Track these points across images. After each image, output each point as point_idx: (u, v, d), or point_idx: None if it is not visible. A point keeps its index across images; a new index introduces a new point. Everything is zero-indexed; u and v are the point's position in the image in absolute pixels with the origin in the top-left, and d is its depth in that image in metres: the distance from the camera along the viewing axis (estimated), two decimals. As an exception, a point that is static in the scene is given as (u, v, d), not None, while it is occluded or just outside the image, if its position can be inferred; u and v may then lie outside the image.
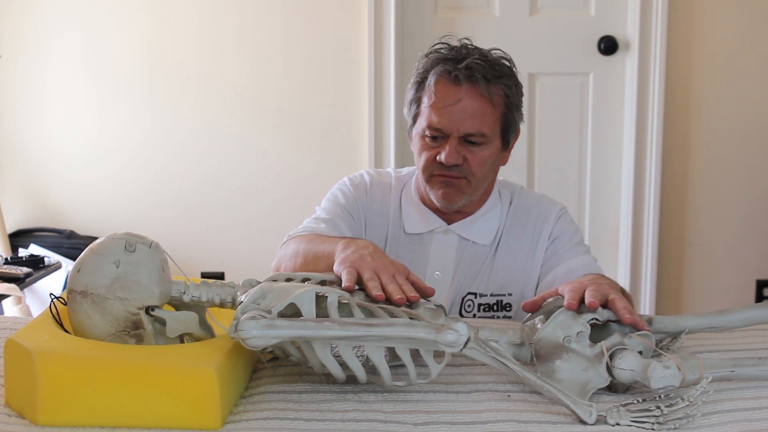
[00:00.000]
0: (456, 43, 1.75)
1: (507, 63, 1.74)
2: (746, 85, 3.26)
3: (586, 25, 3.28)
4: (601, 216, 3.39)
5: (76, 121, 3.38)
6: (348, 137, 3.32)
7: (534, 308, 1.41)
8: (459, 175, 1.72)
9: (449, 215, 1.81)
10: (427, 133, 1.71)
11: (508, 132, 1.75)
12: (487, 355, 1.23)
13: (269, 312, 1.20)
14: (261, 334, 1.16)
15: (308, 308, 1.24)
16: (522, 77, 2.34)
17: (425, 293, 1.37)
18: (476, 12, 3.29)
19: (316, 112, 3.33)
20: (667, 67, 3.22)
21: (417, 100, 1.75)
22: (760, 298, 3.35)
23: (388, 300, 1.33)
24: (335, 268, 1.42)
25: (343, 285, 1.34)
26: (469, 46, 1.74)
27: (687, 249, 3.36)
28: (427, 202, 1.82)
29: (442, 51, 1.74)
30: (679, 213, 3.34)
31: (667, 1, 3.17)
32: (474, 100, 1.68)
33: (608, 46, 3.25)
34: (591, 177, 3.38)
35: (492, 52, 1.74)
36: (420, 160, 1.75)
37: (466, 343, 1.20)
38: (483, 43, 1.81)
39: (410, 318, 1.29)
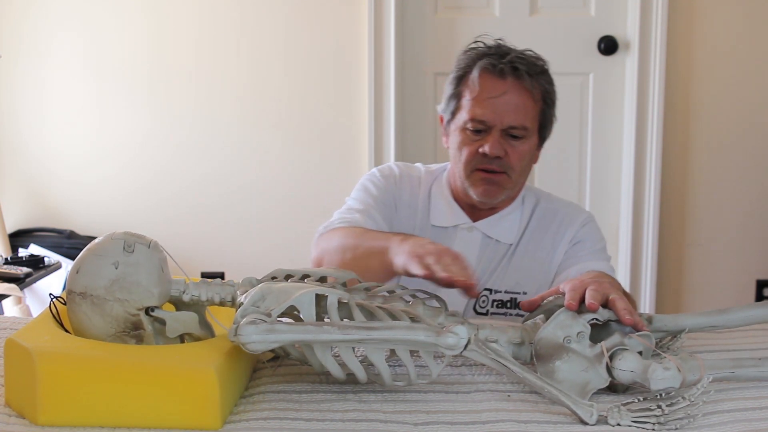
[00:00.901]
0: (492, 42, 1.78)
1: (543, 62, 1.79)
2: (746, 84, 3.26)
3: (586, 25, 3.28)
4: (601, 216, 3.38)
5: (76, 121, 3.38)
6: (348, 137, 3.32)
7: (533, 307, 1.42)
8: (500, 170, 1.74)
9: (475, 213, 1.82)
10: (470, 126, 1.73)
11: (545, 128, 1.80)
12: (488, 357, 1.23)
13: (269, 315, 1.20)
14: (261, 339, 1.16)
15: (308, 311, 1.24)
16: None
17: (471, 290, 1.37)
18: (476, 12, 3.29)
19: (316, 112, 3.33)
20: (667, 67, 3.22)
21: (457, 95, 1.77)
22: (760, 298, 3.35)
23: (386, 300, 1.33)
24: (398, 261, 1.44)
25: (419, 273, 1.38)
26: (507, 45, 1.77)
27: (687, 249, 3.36)
28: (458, 198, 1.83)
29: (480, 47, 1.77)
30: (679, 213, 3.34)
31: (667, 1, 3.16)
32: (518, 93, 1.72)
33: (608, 46, 3.25)
34: (591, 177, 3.38)
35: (526, 51, 1.78)
36: (461, 154, 1.76)
37: (466, 346, 1.20)
38: (482, 43, 1.81)
39: (410, 318, 1.29)
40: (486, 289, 1.80)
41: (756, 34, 3.22)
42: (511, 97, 1.71)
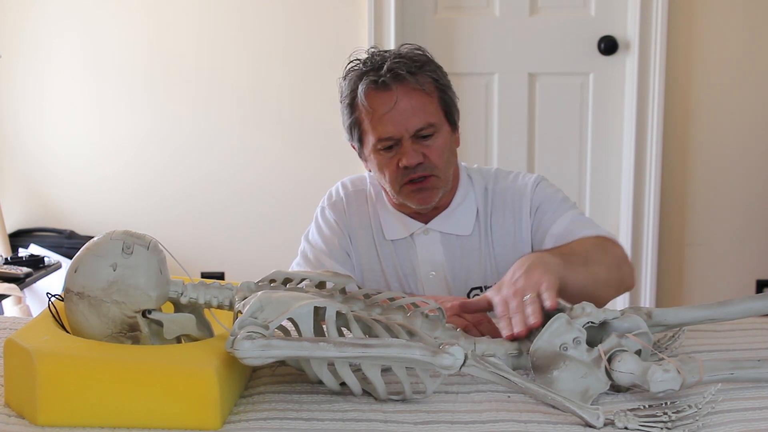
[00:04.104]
0: (365, 55, 1.77)
1: (421, 52, 1.76)
2: (746, 85, 3.26)
3: (586, 25, 3.28)
4: (601, 216, 3.39)
5: (76, 121, 3.38)
6: (348, 137, 3.32)
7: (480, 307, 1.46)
8: (426, 174, 1.73)
9: (426, 214, 1.82)
10: (380, 146, 1.73)
11: (451, 113, 1.77)
12: (487, 371, 1.22)
13: (267, 327, 1.20)
14: (257, 355, 1.16)
15: (306, 324, 1.24)
16: (522, 77, 2.31)
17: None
18: (476, 12, 3.28)
19: (316, 113, 3.33)
20: (667, 67, 3.22)
21: (356, 122, 1.76)
22: (760, 298, 3.34)
23: (384, 310, 1.35)
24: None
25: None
26: (381, 52, 1.76)
27: (687, 249, 3.36)
28: (401, 208, 1.83)
29: (357, 68, 1.76)
30: (679, 213, 3.34)
31: (667, 1, 3.16)
32: (409, 96, 1.70)
33: (608, 46, 3.25)
34: (591, 177, 3.38)
35: (402, 48, 1.77)
36: (384, 175, 1.76)
37: (463, 363, 1.20)
38: (483, 42, 1.80)
39: (407, 330, 1.29)
40: (475, 288, 1.80)
41: (756, 33, 3.22)
42: (405, 103, 1.69)
